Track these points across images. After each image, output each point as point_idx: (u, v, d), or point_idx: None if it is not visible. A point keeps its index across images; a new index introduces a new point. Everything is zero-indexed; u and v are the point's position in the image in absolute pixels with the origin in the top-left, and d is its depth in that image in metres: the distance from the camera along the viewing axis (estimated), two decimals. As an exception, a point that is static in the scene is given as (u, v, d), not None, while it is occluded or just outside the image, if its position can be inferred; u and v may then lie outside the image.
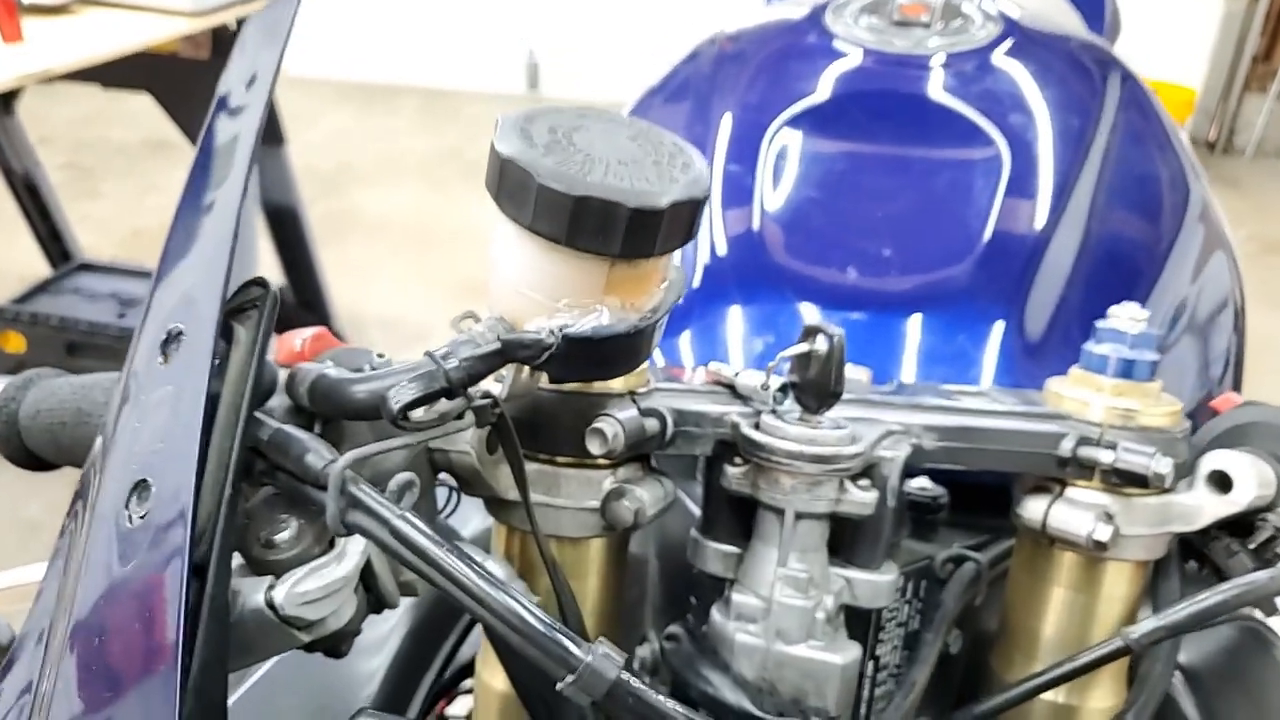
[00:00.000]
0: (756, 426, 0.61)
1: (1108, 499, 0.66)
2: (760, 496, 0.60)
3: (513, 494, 0.60)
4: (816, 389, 0.59)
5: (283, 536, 0.48)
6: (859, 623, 0.66)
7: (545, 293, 0.50)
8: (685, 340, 0.94)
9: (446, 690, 0.90)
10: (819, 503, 0.59)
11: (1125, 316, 0.68)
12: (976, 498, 0.80)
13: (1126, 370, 0.67)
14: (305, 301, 3.06)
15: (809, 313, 0.90)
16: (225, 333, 0.49)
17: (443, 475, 0.61)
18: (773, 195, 0.97)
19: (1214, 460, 0.68)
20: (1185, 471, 0.67)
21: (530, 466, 0.60)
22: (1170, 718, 0.76)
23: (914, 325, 0.88)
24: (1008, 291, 0.89)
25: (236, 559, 0.49)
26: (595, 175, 0.47)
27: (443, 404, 0.50)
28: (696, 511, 0.78)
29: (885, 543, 0.62)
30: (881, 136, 1.02)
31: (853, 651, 0.60)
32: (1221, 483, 0.68)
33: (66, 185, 4.02)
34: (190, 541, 0.42)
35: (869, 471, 0.61)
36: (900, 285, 0.90)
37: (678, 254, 0.53)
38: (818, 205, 0.96)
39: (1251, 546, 0.65)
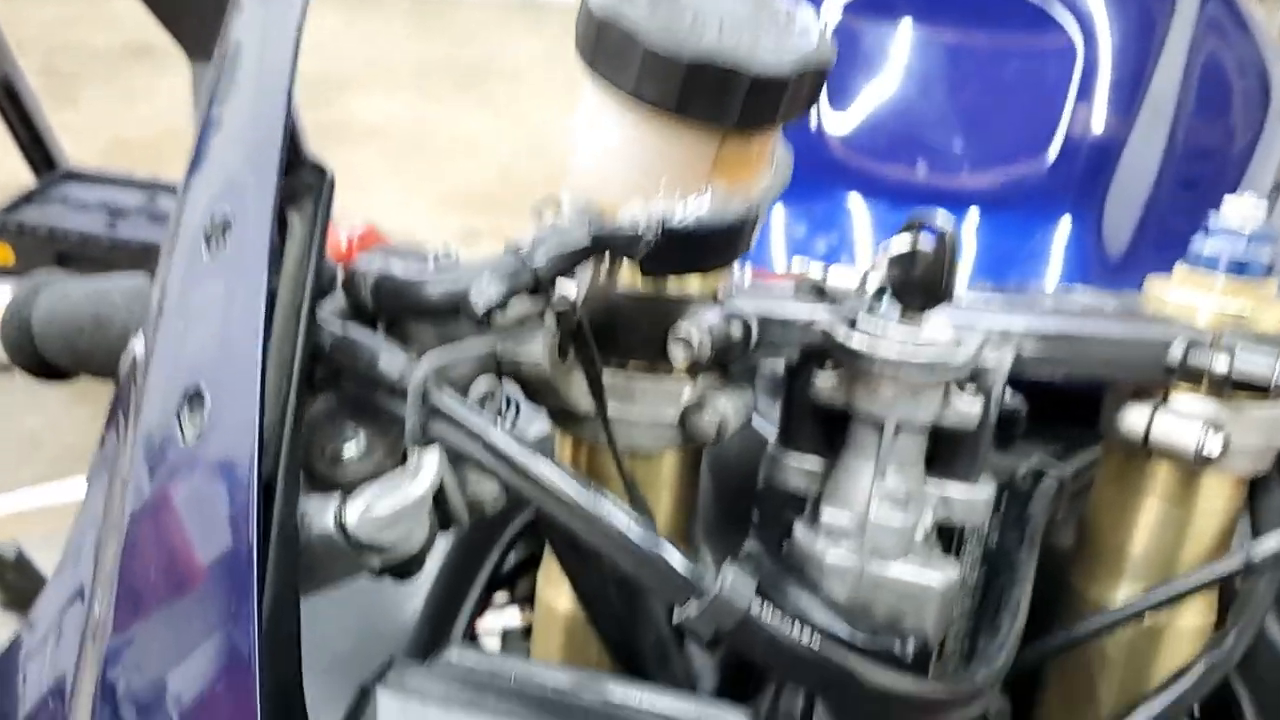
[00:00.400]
0: (851, 330, 0.55)
1: (1215, 408, 0.61)
2: (856, 407, 0.55)
3: (584, 404, 0.55)
4: (925, 289, 0.53)
5: (350, 450, 0.43)
6: (941, 539, 0.61)
7: (643, 170, 0.44)
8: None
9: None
10: (922, 413, 0.54)
11: (1242, 209, 0.63)
12: (1051, 405, 0.75)
13: (1238, 268, 0.62)
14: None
15: (871, 209, 0.84)
16: (279, 222, 0.43)
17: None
18: (829, 83, 0.90)
19: (1331, 366, 0.63)
20: None
21: (603, 375, 0.54)
22: None
23: (985, 225, 0.82)
24: (1085, 191, 0.83)
25: (297, 477, 0.44)
26: (709, 36, 0.40)
27: (518, 305, 0.45)
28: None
29: (984, 456, 0.58)
30: (943, 20, 0.94)
31: (952, 571, 0.56)
32: (1339, 391, 0.63)
33: (43, 92, 3.88)
34: (259, 462, 0.37)
35: (973, 378, 0.55)
36: (970, 182, 0.84)
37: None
38: (878, 94, 0.89)
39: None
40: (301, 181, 0.44)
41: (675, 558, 0.39)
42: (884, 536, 0.55)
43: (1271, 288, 0.62)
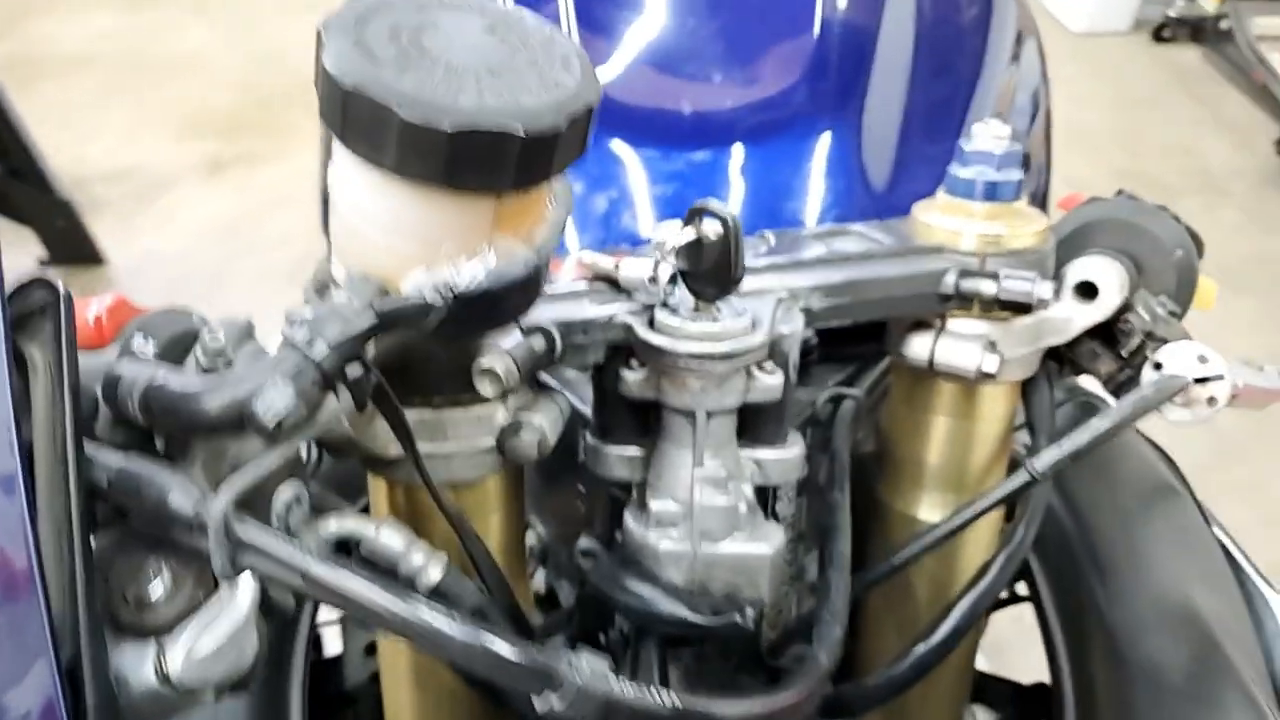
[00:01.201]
0: (651, 325, 0.55)
1: (988, 327, 0.66)
2: (666, 400, 0.56)
3: (393, 449, 0.53)
4: (715, 278, 0.54)
5: (157, 591, 0.40)
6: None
7: (418, 240, 0.41)
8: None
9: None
10: (729, 397, 0.55)
11: (989, 135, 0.66)
12: (837, 331, 0.79)
13: (993, 192, 0.66)
14: (13, 168, 2.63)
15: (641, 156, 0.83)
16: (15, 361, 0.38)
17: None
18: (579, 25, 0.87)
19: (1079, 270, 0.68)
20: None
21: (409, 415, 0.52)
22: None
23: (752, 157, 0.83)
24: (845, 101, 0.85)
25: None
26: (468, 96, 0.38)
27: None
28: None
29: (789, 417, 0.60)
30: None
31: (778, 536, 0.58)
32: (1087, 291, 0.69)
33: None
34: (54, 647, 0.33)
35: (771, 351, 0.57)
36: (731, 113, 0.84)
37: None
38: (632, 31, 0.87)
39: (1124, 353, 0.67)
40: (26, 303, 0.39)
41: (523, 656, 0.39)
42: (710, 518, 0.57)
43: (1023, 205, 0.66)
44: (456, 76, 0.38)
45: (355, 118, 0.38)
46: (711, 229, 0.53)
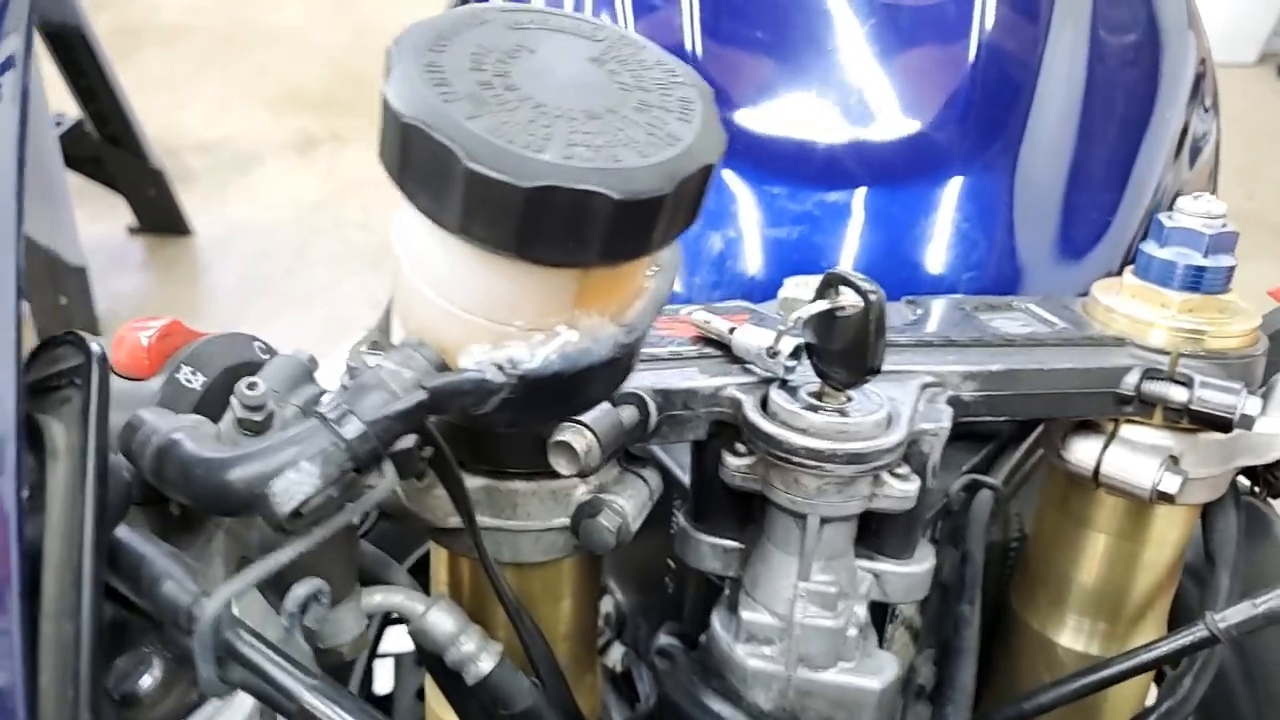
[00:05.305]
0: (764, 406, 0.50)
1: (1171, 439, 0.59)
2: (774, 497, 0.50)
3: (454, 521, 0.49)
4: (847, 362, 0.48)
5: (146, 685, 0.36)
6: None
7: (487, 313, 0.37)
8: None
9: None
10: (849, 504, 0.49)
11: (1198, 212, 0.58)
12: None
13: (1196, 280, 0.58)
14: (111, 135, 2.71)
15: (760, 191, 0.77)
16: (29, 436, 0.34)
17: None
18: (704, 38, 0.82)
19: (1292, 381, 0.61)
20: None
21: (474, 483, 0.48)
22: None
23: (891, 201, 0.77)
24: (999, 146, 0.78)
25: None
26: (554, 147, 0.33)
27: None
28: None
29: (920, 528, 0.54)
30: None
31: (890, 669, 0.52)
32: (1298, 406, 0.61)
33: None
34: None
35: (907, 453, 0.51)
36: (869, 150, 0.78)
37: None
38: (763, 50, 0.81)
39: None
40: (54, 367, 0.35)
41: None
42: (811, 641, 0.51)
43: (1231, 299, 0.59)
44: (544, 119, 0.34)
45: (415, 161, 0.33)
46: (849, 302, 0.48)
